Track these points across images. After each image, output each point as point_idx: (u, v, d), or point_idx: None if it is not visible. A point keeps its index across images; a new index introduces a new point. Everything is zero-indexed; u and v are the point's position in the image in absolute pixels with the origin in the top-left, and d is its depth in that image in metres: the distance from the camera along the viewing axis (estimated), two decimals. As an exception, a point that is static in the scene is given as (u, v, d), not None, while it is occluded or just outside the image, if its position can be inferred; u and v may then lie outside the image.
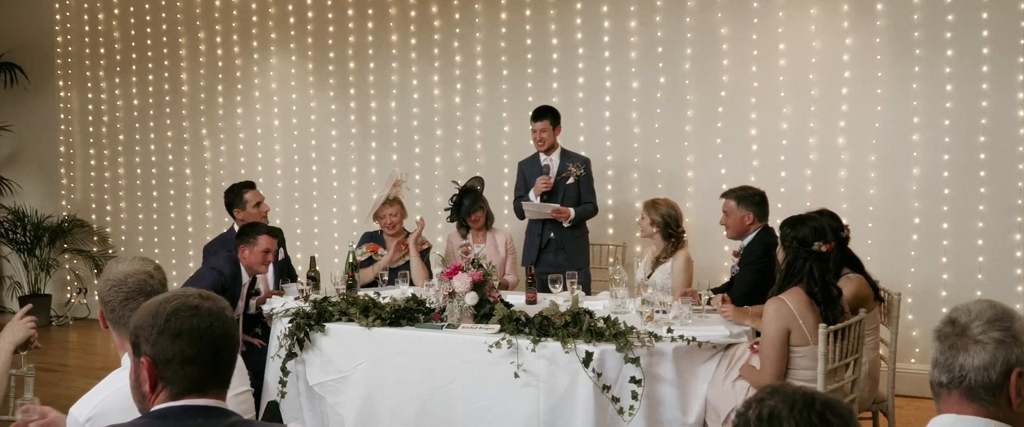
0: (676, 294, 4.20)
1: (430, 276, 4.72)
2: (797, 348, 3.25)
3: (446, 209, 5.17)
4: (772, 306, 3.25)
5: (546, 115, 5.11)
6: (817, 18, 5.46)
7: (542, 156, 5.18)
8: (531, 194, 5.17)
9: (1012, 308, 1.68)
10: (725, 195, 4.39)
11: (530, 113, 5.25)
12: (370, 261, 5.06)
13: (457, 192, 5.09)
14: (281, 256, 5.04)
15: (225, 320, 1.75)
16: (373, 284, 4.91)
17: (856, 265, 3.79)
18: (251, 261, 4.37)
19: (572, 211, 5.08)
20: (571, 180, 5.10)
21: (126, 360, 2.04)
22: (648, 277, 4.51)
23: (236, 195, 4.89)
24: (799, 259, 3.28)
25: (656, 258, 4.54)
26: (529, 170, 5.24)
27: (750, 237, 4.29)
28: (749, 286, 4.14)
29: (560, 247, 5.16)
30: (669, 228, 4.49)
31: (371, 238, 5.17)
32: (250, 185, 4.98)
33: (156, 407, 1.72)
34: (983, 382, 1.61)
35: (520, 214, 5.31)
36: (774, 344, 3.21)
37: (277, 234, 4.68)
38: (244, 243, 4.40)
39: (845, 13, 5.38)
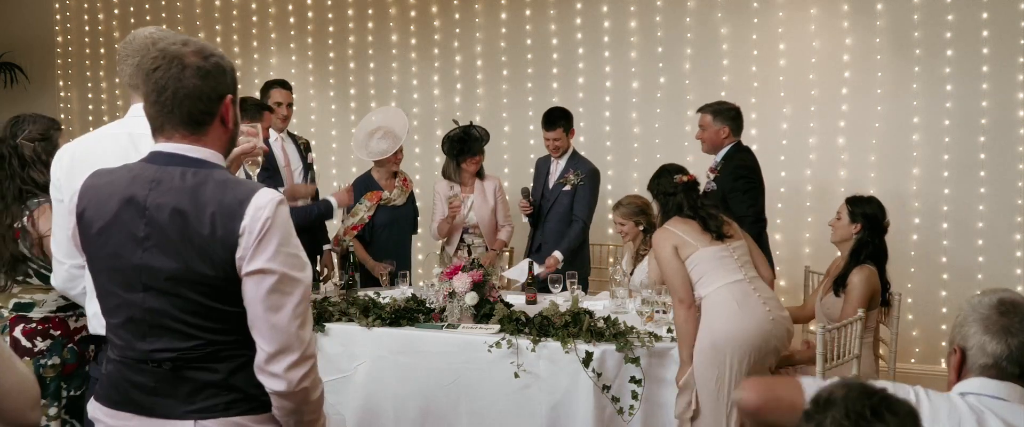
0: (656, 286, 4.19)
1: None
2: (690, 258, 3.34)
3: (450, 133, 4.95)
4: (659, 235, 3.43)
5: (559, 123, 4.81)
6: (817, 18, 5.46)
7: (552, 160, 5.02)
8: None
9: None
10: (701, 109, 4.44)
11: (541, 116, 4.99)
12: (379, 209, 4.95)
13: (460, 127, 4.89)
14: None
15: (182, 71, 1.68)
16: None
17: (881, 259, 3.75)
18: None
19: (558, 257, 4.70)
20: (567, 187, 4.85)
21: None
22: (631, 274, 4.49)
23: (263, 93, 4.59)
24: (669, 198, 3.48)
25: (636, 253, 4.52)
26: (540, 170, 5.11)
27: (723, 151, 4.35)
28: (752, 209, 4.13)
29: (551, 255, 4.81)
30: (649, 221, 4.47)
31: (365, 188, 4.99)
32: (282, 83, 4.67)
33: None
34: None
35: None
36: (670, 262, 3.35)
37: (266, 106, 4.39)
38: (252, 119, 3.97)
39: (845, 13, 5.38)
